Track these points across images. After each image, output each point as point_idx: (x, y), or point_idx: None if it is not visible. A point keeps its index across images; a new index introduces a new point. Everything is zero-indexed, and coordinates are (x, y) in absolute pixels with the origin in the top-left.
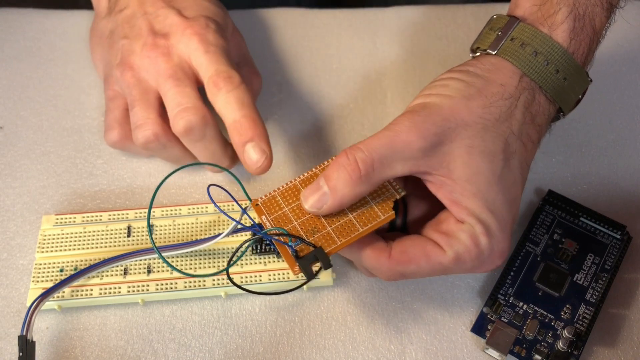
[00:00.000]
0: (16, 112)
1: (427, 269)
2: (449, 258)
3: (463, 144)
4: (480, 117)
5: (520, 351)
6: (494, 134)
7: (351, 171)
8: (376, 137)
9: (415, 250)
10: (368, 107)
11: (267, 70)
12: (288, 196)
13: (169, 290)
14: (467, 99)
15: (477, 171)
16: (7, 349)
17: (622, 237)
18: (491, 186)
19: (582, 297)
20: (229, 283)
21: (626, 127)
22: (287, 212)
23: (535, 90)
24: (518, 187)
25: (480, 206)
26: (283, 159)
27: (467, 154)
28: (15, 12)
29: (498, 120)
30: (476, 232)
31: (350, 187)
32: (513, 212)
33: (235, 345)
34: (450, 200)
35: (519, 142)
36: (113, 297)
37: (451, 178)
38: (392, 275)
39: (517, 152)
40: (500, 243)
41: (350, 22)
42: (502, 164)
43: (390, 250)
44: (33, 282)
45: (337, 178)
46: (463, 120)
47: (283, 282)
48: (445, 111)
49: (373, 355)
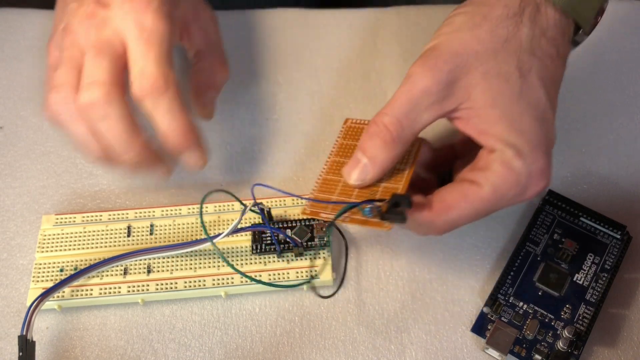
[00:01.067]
0: (16, 112)
1: (470, 210)
2: (487, 191)
3: (478, 72)
4: (489, 42)
5: (520, 351)
6: (504, 55)
7: (383, 136)
8: (396, 96)
9: (453, 195)
10: (368, 107)
11: (267, 70)
12: (327, 189)
13: (169, 290)
14: (473, 29)
15: (496, 94)
16: (7, 349)
17: (622, 237)
18: (513, 105)
19: (582, 297)
20: (230, 283)
21: (626, 127)
22: (337, 198)
23: (540, 3)
24: (544, 104)
25: (507, 128)
26: (283, 159)
27: (483, 81)
28: (15, 12)
29: (506, 40)
30: (507, 157)
31: (387, 152)
32: (545, 129)
33: (235, 345)
34: (479, 132)
35: (533, 58)
36: (113, 297)
37: (474, 108)
38: (439, 227)
39: (534, 68)
40: (536, 162)
41: (350, 22)
42: (519, 81)
43: (430, 204)
44: (33, 282)
45: (372, 147)
46: (473, 50)
47: (283, 282)
48: (454, 46)
49: (373, 355)
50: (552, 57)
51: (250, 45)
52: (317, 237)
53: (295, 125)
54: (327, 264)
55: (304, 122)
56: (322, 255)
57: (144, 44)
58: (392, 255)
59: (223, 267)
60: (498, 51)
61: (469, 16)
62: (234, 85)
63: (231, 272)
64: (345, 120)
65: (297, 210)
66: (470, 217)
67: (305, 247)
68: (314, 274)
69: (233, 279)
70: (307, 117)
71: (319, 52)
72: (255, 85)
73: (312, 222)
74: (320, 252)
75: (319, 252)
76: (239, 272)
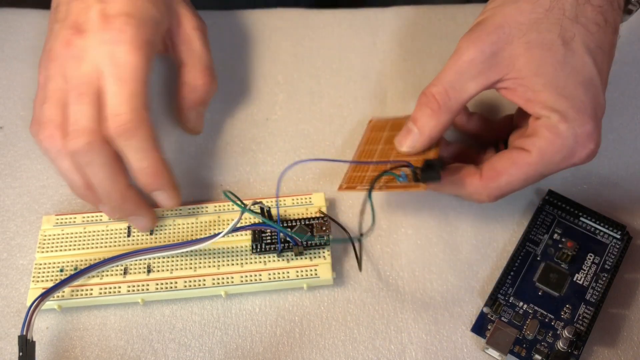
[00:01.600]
0: (16, 112)
1: (519, 176)
2: (535, 156)
3: (521, 42)
4: (531, 12)
5: (520, 351)
6: (547, 24)
7: (431, 105)
8: (444, 68)
9: (502, 162)
10: (368, 107)
11: (267, 70)
12: (360, 167)
13: (169, 290)
14: (516, 1)
15: (540, 62)
16: (7, 349)
17: (622, 237)
18: (557, 72)
19: (582, 297)
20: (230, 282)
21: (626, 127)
22: (370, 174)
23: None
24: (590, 70)
25: (552, 95)
26: (283, 159)
27: (526, 50)
28: (15, 12)
29: (548, 9)
30: (553, 122)
31: (435, 120)
32: (592, 93)
33: (235, 345)
34: (525, 100)
35: (577, 25)
36: (113, 297)
37: (520, 77)
38: (490, 193)
39: (578, 35)
40: (582, 125)
41: (350, 22)
42: (562, 49)
43: (480, 171)
44: (33, 282)
45: (421, 116)
46: (515, 21)
47: (283, 281)
48: (497, 19)
49: (373, 355)
50: (598, 24)
51: (250, 45)
52: (317, 236)
53: (295, 125)
54: (327, 263)
55: (304, 122)
56: (322, 255)
57: (117, 81)
58: (392, 255)
59: (223, 266)
60: (540, 21)
61: None
62: (234, 85)
63: (231, 272)
64: (370, 120)
65: (297, 210)
66: (520, 182)
67: (305, 246)
68: (314, 273)
69: (233, 278)
70: (307, 117)
71: (319, 52)
72: (255, 85)
73: (312, 222)
74: (320, 251)
75: (319, 251)
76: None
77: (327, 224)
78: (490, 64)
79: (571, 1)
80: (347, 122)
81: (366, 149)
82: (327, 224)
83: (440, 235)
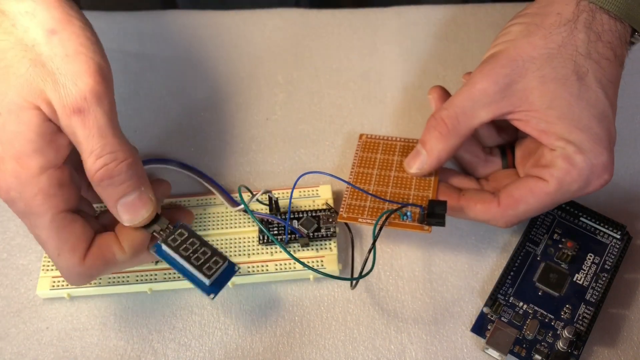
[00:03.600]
0: None
1: (537, 204)
2: (552, 186)
3: (534, 76)
4: (543, 47)
5: (520, 351)
6: (560, 60)
7: (440, 129)
8: (456, 94)
9: (520, 191)
10: (368, 107)
11: (267, 70)
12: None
13: (177, 280)
14: (528, 36)
15: (554, 96)
16: (7, 348)
17: (622, 237)
18: (572, 106)
19: (582, 297)
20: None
21: (626, 127)
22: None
23: (595, 10)
24: (603, 103)
25: (567, 127)
26: (283, 159)
27: (540, 84)
28: None
29: (561, 45)
30: (569, 153)
31: (443, 143)
32: (605, 126)
33: (235, 345)
34: (539, 132)
35: (589, 60)
36: (122, 287)
37: (533, 110)
38: (507, 220)
39: (591, 70)
40: (598, 157)
41: (350, 22)
42: (577, 84)
43: (498, 199)
44: (43, 271)
45: (430, 139)
46: (529, 56)
47: (290, 271)
48: (511, 53)
49: (373, 355)
50: (609, 60)
51: (250, 45)
52: (324, 228)
53: (295, 125)
54: (333, 255)
55: (304, 122)
56: (328, 246)
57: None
58: (392, 255)
59: (230, 257)
60: (554, 56)
61: (524, 26)
62: (234, 85)
63: (238, 262)
64: (360, 135)
65: (304, 202)
66: (536, 210)
67: (311, 238)
68: (320, 264)
69: (240, 269)
70: (307, 117)
71: (319, 52)
72: (255, 85)
73: (318, 213)
74: (326, 243)
75: (325, 243)
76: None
77: (333, 216)
78: (503, 95)
79: (583, 37)
80: (347, 122)
81: (360, 172)
82: (334, 216)
83: (440, 235)
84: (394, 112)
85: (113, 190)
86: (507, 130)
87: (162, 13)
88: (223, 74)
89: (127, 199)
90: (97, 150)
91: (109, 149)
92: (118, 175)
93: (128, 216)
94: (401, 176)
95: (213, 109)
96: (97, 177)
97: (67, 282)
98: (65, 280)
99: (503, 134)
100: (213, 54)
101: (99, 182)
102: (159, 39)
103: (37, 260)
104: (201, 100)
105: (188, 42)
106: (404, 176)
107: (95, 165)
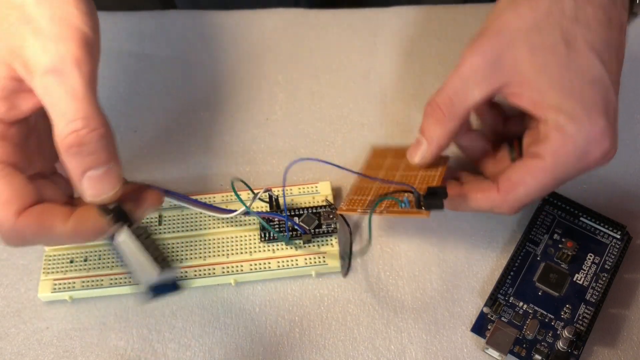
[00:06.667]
0: None
1: (536, 184)
2: (548, 161)
3: (523, 46)
4: (530, 17)
5: (520, 351)
6: (548, 27)
7: (436, 114)
8: (448, 77)
9: (518, 172)
10: (368, 107)
11: (267, 70)
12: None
13: (180, 279)
14: (514, 7)
15: (544, 65)
16: (7, 348)
17: (622, 237)
18: (562, 73)
19: (582, 297)
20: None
21: (626, 127)
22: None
23: None
24: (597, 68)
25: (558, 95)
26: (283, 159)
27: (529, 54)
28: None
29: (547, 12)
30: (561, 123)
31: (441, 128)
32: (600, 91)
33: (235, 345)
34: (533, 104)
35: (577, 25)
36: (123, 287)
37: (524, 80)
38: (510, 206)
39: (580, 35)
40: (593, 124)
41: (350, 22)
42: (565, 50)
43: (497, 185)
44: (44, 274)
45: (427, 126)
46: (515, 26)
47: (292, 268)
48: (497, 25)
49: (373, 355)
50: (600, 22)
51: (250, 45)
52: (325, 224)
53: (295, 125)
54: (335, 251)
55: (304, 122)
56: (329, 242)
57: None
58: (392, 255)
59: (232, 255)
60: (541, 24)
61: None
62: (234, 85)
63: (240, 260)
64: (372, 148)
65: (304, 199)
66: (537, 190)
67: (313, 234)
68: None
69: (242, 266)
70: (307, 117)
71: (319, 52)
72: (256, 85)
73: (319, 210)
74: (327, 238)
75: (326, 239)
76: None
77: (333, 212)
78: (493, 70)
79: (570, 3)
80: (347, 122)
81: (368, 173)
82: (334, 212)
83: (440, 235)
84: (394, 112)
85: (81, 159)
86: (514, 120)
87: (161, 13)
88: (223, 74)
89: (95, 172)
90: (69, 113)
91: (82, 114)
92: (88, 143)
93: (92, 191)
94: (407, 175)
95: (213, 109)
96: (65, 143)
97: None
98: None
99: (510, 125)
100: (213, 54)
101: (67, 149)
102: (158, 39)
103: (37, 260)
104: (201, 100)
105: (188, 42)
106: (411, 174)
107: (65, 130)
